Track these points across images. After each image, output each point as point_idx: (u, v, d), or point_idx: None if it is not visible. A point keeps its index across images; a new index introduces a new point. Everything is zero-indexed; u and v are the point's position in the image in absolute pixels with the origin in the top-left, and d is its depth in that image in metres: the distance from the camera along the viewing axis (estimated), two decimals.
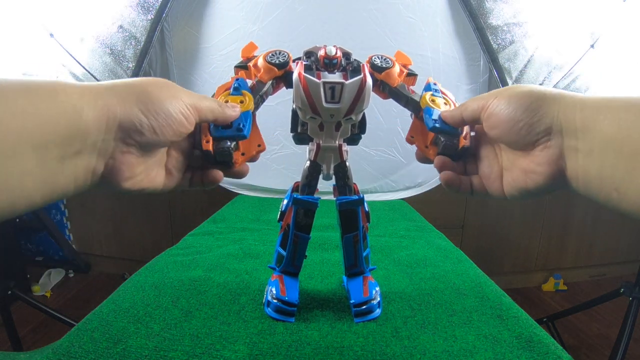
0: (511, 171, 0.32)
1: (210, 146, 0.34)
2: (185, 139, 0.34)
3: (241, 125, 0.35)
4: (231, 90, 0.37)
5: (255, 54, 0.41)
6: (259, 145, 0.38)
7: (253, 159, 0.38)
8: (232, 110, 0.35)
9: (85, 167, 0.25)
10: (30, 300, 1.08)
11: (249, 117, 0.36)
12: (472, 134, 0.37)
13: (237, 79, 0.38)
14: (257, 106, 0.38)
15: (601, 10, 1.00)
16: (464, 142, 0.36)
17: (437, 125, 0.36)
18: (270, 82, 0.40)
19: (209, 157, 0.34)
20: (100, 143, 0.25)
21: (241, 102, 0.37)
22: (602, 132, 0.25)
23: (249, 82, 0.39)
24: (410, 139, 0.40)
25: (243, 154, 0.37)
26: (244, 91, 0.37)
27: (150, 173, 0.31)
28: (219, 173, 0.36)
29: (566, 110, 0.27)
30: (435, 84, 0.41)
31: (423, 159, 0.40)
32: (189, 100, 0.31)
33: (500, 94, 0.31)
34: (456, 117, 0.35)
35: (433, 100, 0.39)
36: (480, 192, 0.36)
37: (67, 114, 0.23)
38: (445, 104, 0.39)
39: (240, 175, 0.37)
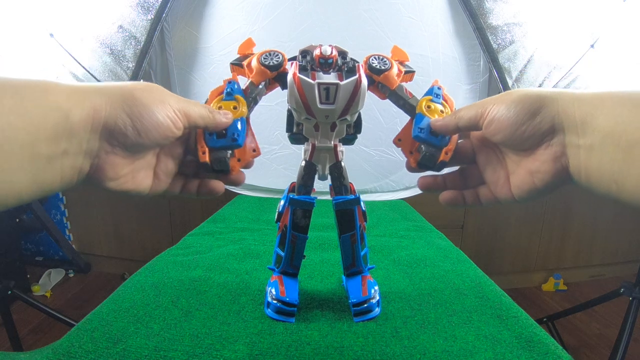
0: (517, 173, 0.32)
1: (207, 157, 0.34)
2: (178, 145, 0.34)
3: (236, 135, 0.34)
4: (224, 95, 0.37)
5: (253, 51, 0.41)
6: (254, 151, 0.37)
7: (248, 164, 0.37)
8: (224, 117, 0.34)
9: (72, 166, 0.26)
10: (30, 300, 1.08)
11: (243, 123, 0.35)
12: (460, 141, 0.37)
13: (229, 83, 0.37)
14: (250, 109, 0.38)
15: (601, 10, 1.00)
16: (443, 157, 0.35)
17: (421, 135, 0.35)
18: (263, 83, 0.39)
19: (207, 168, 0.34)
20: (86, 143, 0.26)
21: (234, 107, 0.36)
22: (599, 127, 0.25)
23: (244, 83, 0.38)
24: (397, 142, 0.38)
25: (239, 160, 0.36)
26: (237, 95, 0.36)
27: (137, 175, 0.31)
28: (219, 184, 0.35)
29: (566, 107, 0.28)
30: (439, 89, 0.39)
31: (408, 166, 0.38)
32: (177, 105, 0.30)
33: (498, 100, 0.31)
34: (450, 125, 0.34)
35: (429, 107, 0.37)
36: (489, 201, 0.35)
37: (55, 114, 0.24)
38: (442, 112, 0.37)
39: (237, 183, 0.37)
